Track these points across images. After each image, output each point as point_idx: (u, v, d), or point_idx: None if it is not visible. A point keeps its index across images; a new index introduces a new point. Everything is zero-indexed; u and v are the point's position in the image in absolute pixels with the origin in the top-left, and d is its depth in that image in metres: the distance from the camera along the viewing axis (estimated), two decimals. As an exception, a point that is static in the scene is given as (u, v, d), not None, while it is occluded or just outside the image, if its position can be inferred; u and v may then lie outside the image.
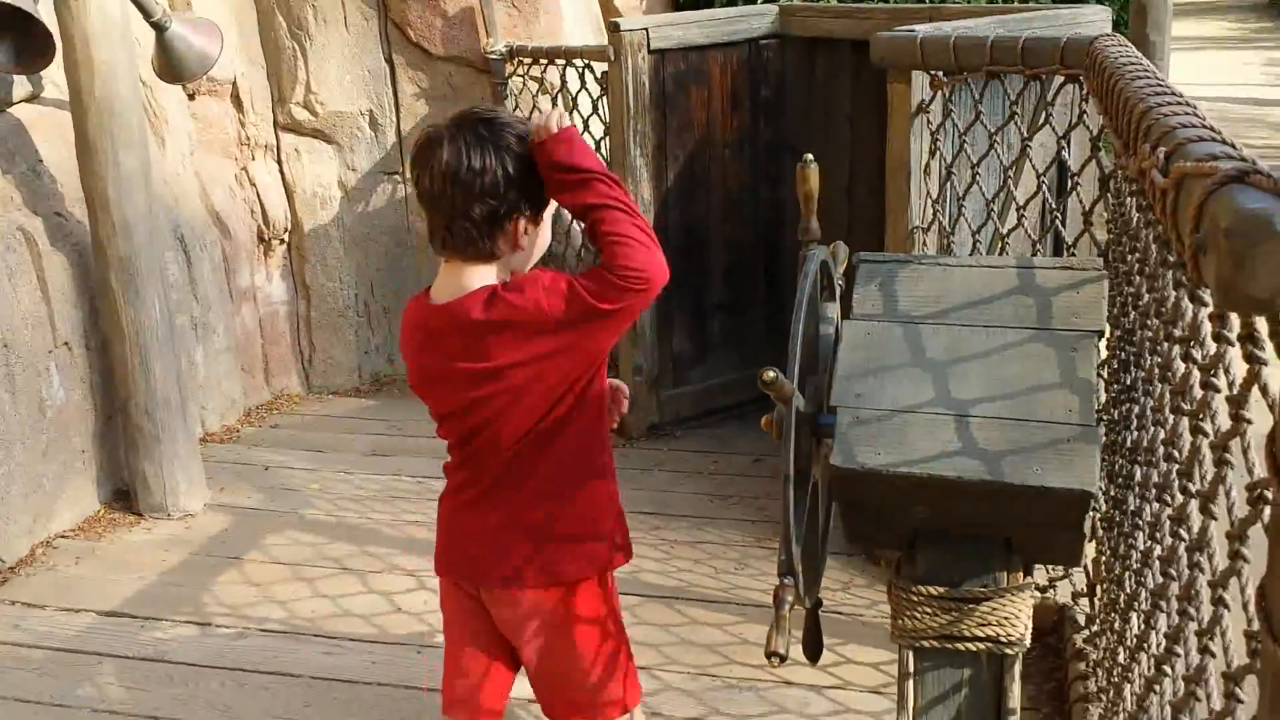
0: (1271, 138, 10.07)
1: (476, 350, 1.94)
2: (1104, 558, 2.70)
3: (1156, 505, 1.74)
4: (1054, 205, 2.94)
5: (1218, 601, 1.40)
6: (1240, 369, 1.32)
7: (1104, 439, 2.51)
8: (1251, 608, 1.32)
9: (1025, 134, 2.95)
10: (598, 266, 1.93)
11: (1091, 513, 1.98)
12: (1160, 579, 1.70)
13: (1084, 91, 2.75)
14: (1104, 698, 2.51)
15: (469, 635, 2.16)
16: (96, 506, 3.91)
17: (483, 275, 1.96)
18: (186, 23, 4.00)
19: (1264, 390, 1.23)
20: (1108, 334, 2.48)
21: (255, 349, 4.81)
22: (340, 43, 4.72)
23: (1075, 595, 2.97)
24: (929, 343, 2.11)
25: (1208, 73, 14.37)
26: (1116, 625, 2.30)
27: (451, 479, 2.14)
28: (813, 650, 2.37)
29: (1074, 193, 2.86)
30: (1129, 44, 2.57)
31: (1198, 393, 1.47)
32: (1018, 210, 2.97)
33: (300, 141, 4.82)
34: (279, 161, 4.82)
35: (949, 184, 3.19)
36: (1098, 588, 2.79)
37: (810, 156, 2.19)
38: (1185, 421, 1.57)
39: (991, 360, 2.06)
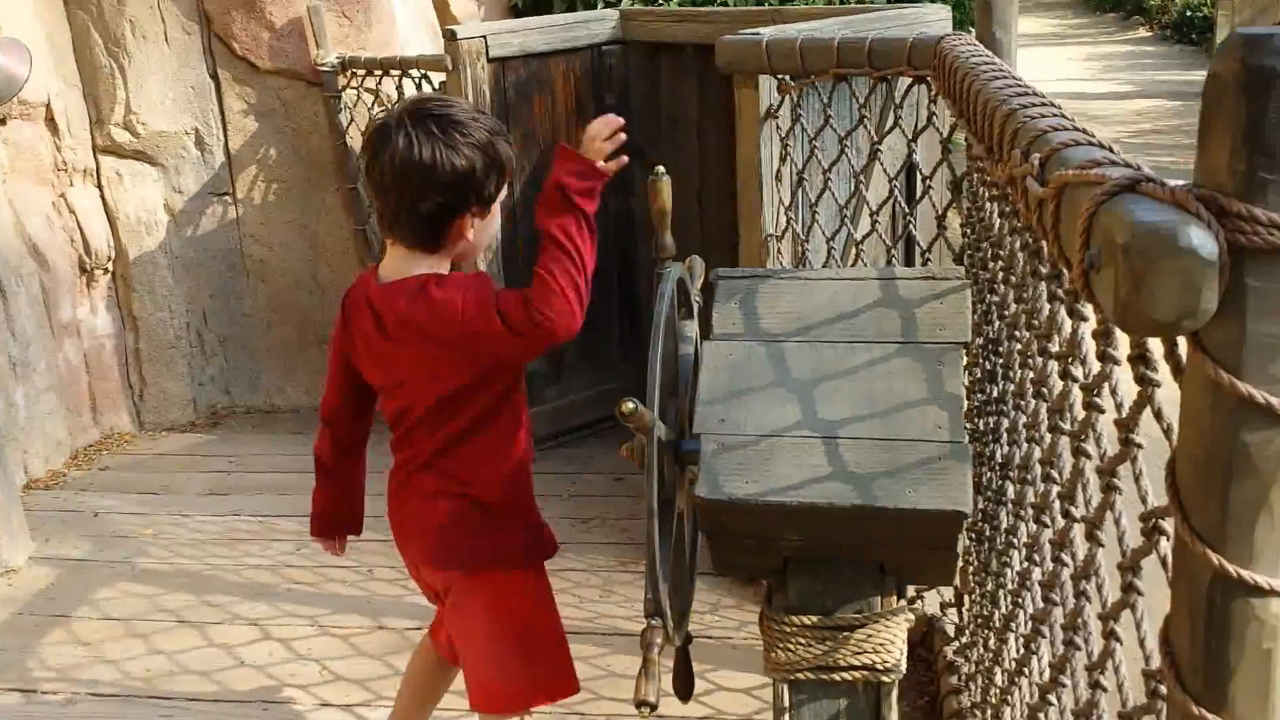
0: (1099, 130, 10.38)
1: (396, 335, 2.03)
2: (971, 569, 2.65)
3: (1035, 526, 1.67)
4: (907, 210, 2.88)
5: (1109, 635, 1.32)
6: (1128, 389, 1.24)
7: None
8: (1150, 643, 1.24)
9: (875, 137, 2.89)
10: (525, 291, 1.99)
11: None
12: (1041, 604, 1.62)
13: (932, 93, 2.70)
14: (980, 714, 2.45)
15: None
16: (-94, 567, 3.58)
17: (425, 263, 2.04)
18: (-11, 43, 3.70)
19: (1158, 415, 1.15)
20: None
21: (81, 386, 4.49)
22: (161, 59, 4.44)
23: (943, 606, 2.92)
24: (793, 362, 2.01)
25: (1033, 69, 14.84)
26: (992, 643, 2.23)
27: (394, 456, 2.18)
28: (684, 688, 2.26)
29: (926, 196, 2.81)
30: (977, 43, 2.52)
31: (1079, 412, 1.39)
32: (871, 215, 2.91)
33: (122, 164, 4.51)
34: (100, 186, 4.51)
35: (801, 190, 3.12)
36: (965, 599, 2.75)
37: (662, 169, 2.08)
38: (1065, 440, 1.49)
39: (858, 377, 1.98)
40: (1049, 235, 1.19)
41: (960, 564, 2.77)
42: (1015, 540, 1.93)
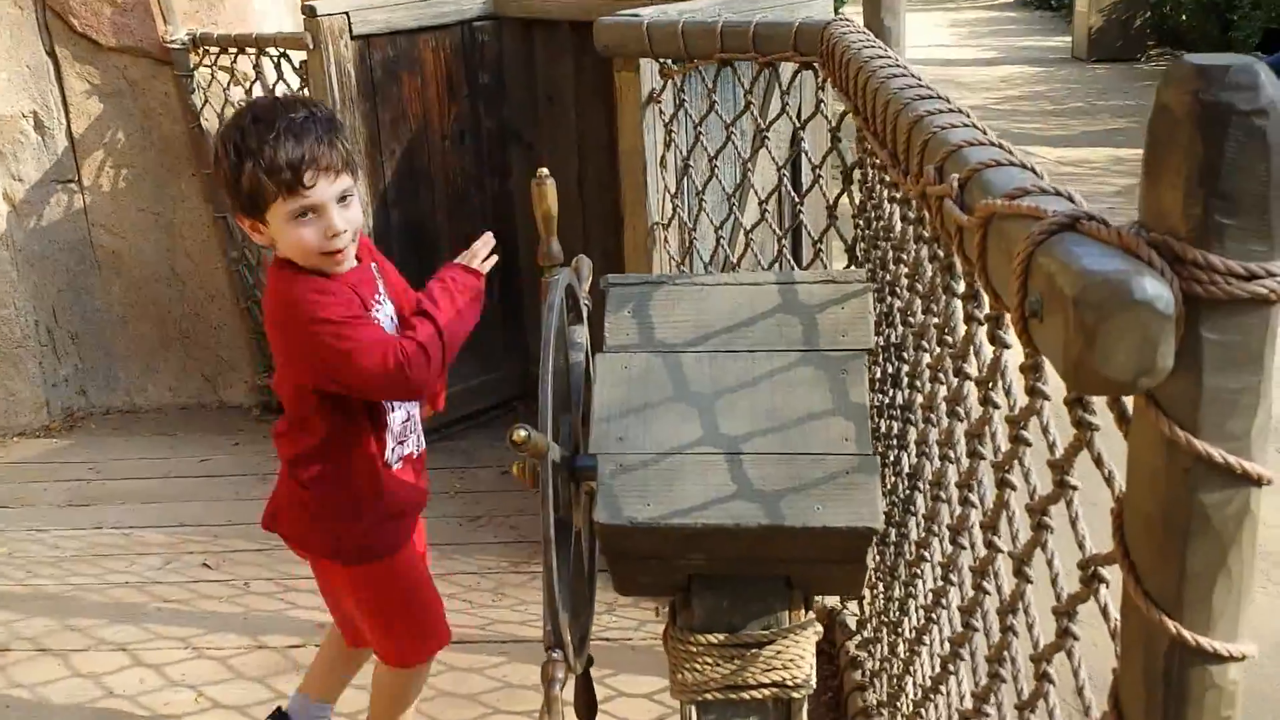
0: (964, 97, 10.53)
1: None
2: (872, 564, 2.60)
3: (951, 547, 1.60)
4: (796, 199, 2.81)
5: (1042, 676, 1.26)
6: (1059, 418, 1.18)
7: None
8: (1089, 694, 1.19)
9: (761, 123, 2.80)
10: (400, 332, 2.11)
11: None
12: (960, 628, 1.56)
13: (820, 79, 2.62)
14: (886, 714, 2.42)
15: None
16: None
17: None
18: None
19: (1098, 461, 1.08)
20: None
21: (-82, 392, 4.18)
22: (-8, 36, 4.12)
23: (843, 599, 2.88)
24: (692, 374, 1.92)
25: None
26: (901, 651, 2.19)
27: None
28: (587, 713, 2.18)
29: (816, 185, 2.73)
30: (866, 30, 2.44)
31: (1002, 443, 1.32)
32: (760, 204, 2.82)
33: (-46, 152, 4.19)
34: (-70, 176, 4.18)
35: (687, 177, 3.03)
36: (866, 593, 2.71)
37: (545, 171, 1.95)
38: (985, 466, 1.43)
39: (759, 389, 1.89)
40: (975, 266, 1.11)
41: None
42: (927, 554, 1.87)
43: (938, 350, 1.60)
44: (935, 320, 1.62)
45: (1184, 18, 11.73)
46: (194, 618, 3.18)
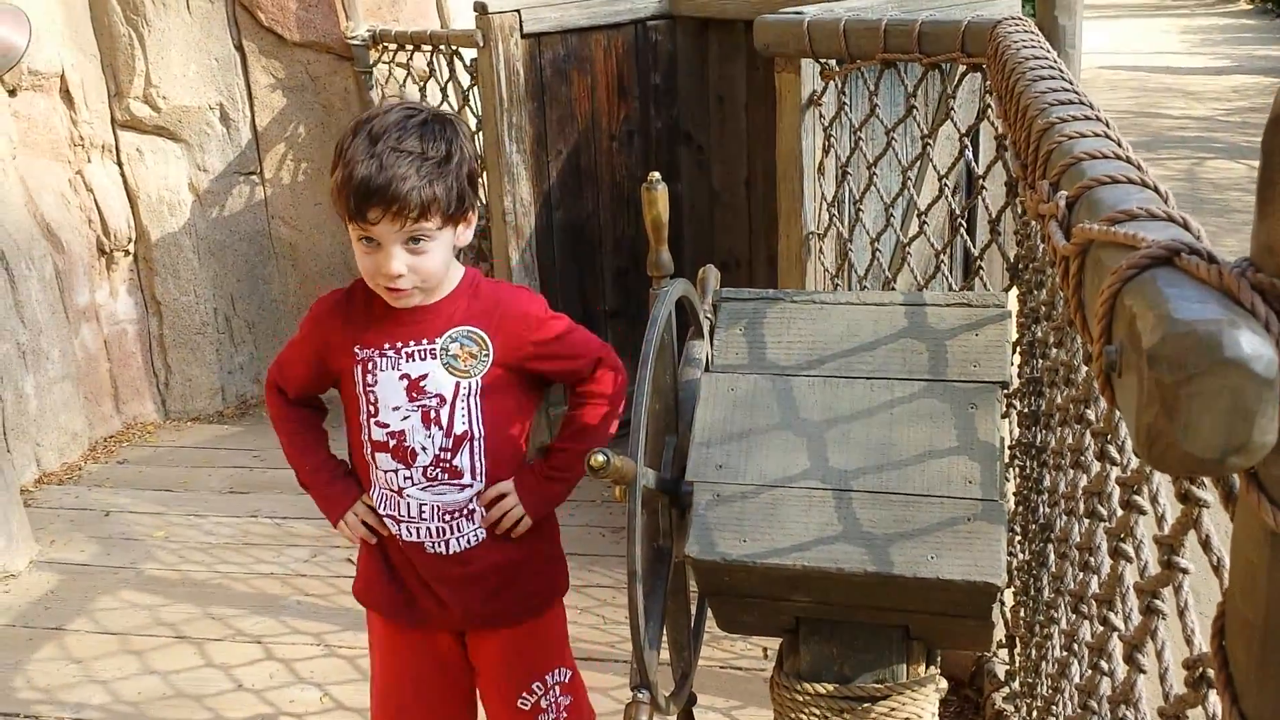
0: (1191, 108, 9.89)
1: None
2: (1024, 609, 2.38)
3: (1073, 615, 1.40)
4: (958, 211, 2.60)
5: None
6: (1170, 497, 0.98)
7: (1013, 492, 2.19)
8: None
9: (924, 130, 2.60)
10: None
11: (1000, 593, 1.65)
12: (1079, 709, 1.36)
13: (988, 83, 2.41)
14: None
15: None
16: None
17: None
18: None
19: (1205, 544, 0.89)
20: (1017, 361, 2.15)
21: (101, 374, 4.34)
22: (183, 28, 4.25)
23: (995, 645, 2.66)
24: (803, 400, 1.76)
25: (1124, 41, 14.23)
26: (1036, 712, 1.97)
27: None
28: (686, 755, 2.03)
29: (980, 197, 2.52)
30: (1037, 31, 2.23)
31: (1117, 509, 1.13)
32: (919, 216, 2.63)
33: (143, 140, 4.33)
34: (119, 163, 4.33)
35: (845, 185, 2.85)
36: (1017, 639, 2.48)
37: (657, 176, 1.81)
38: (1101, 531, 1.23)
39: (876, 420, 1.72)
40: (1071, 302, 0.93)
41: (1013, 603, 2.51)
42: (1056, 616, 1.66)
43: (1066, 391, 1.40)
44: (1066, 358, 1.42)
45: None
46: (331, 614, 3.18)
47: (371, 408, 1.88)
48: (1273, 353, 0.65)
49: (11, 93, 3.97)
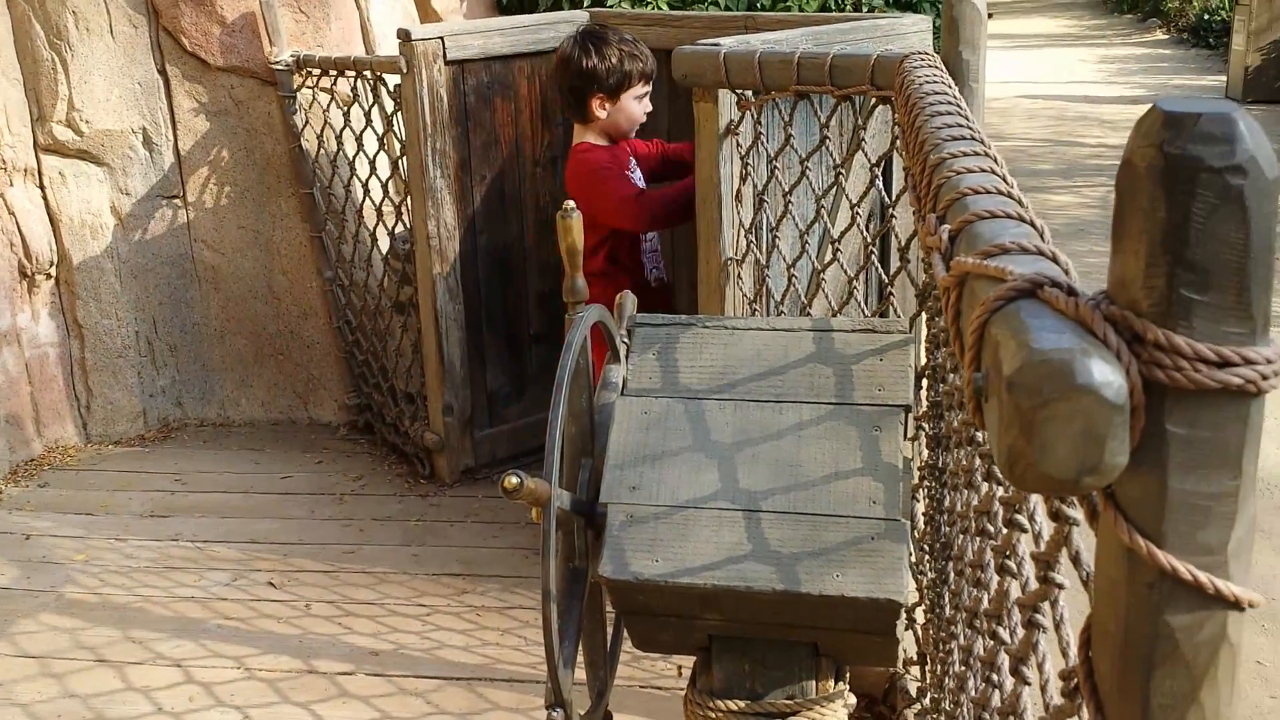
0: (1106, 136, 10.15)
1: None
2: (932, 627, 2.45)
3: (969, 630, 1.46)
4: (870, 239, 2.67)
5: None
6: (1044, 516, 1.04)
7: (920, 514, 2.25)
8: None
9: (838, 160, 2.68)
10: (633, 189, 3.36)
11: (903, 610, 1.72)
12: (974, 720, 1.42)
13: (895, 115, 2.49)
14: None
15: None
16: None
17: (582, 133, 3.47)
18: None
19: (1075, 560, 0.95)
20: (925, 387, 2.22)
21: (22, 397, 4.28)
22: (106, 53, 4.23)
23: (906, 663, 2.72)
24: (714, 422, 1.81)
25: (1044, 71, 14.57)
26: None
27: None
28: (602, 771, 2.07)
29: (891, 225, 2.60)
30: (941, 66, 2.31)
31: (1002, 527, 1.19)
32: (832, 243, 2.70)
33: (65, 164, 4.30)
34: (41, 187, 4.29)
35: (763, 213, 2.91)
36: (928, 656, 2.55)
37: (571, 204, 1.86)
38: (989, 550, 1.29)
39: (784, 442, 1.78)
40: (951, 330, 0.99)
41: (923, 620, 2.58)
42: (955, 632, 1.72)
43: (960, 415, 1.46)
44: (959, 381, 1.48)
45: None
46: (251, 637, 3.17)
47: None
48: (1123, 380, 0.71)
49: (-72, 115, 3.92)
